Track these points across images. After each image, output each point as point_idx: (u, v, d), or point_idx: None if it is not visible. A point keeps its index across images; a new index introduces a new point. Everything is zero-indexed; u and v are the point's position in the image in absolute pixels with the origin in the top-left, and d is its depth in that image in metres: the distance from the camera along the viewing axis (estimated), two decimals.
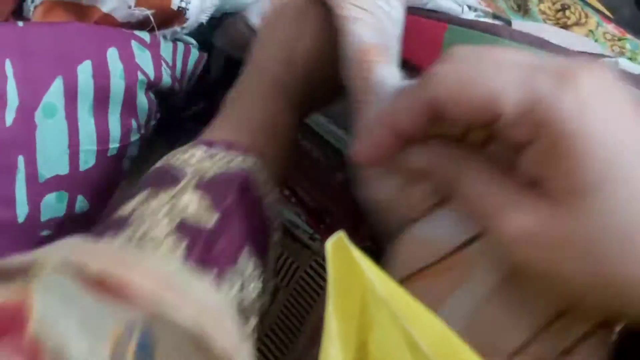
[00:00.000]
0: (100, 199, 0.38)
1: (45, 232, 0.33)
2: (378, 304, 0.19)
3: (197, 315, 0.19)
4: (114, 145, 0.36)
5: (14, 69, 0.31)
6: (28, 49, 0.32)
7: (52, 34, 0.33)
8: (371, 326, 0.20)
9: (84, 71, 0.34)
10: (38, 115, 0.32)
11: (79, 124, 0.34)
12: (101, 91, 0.35)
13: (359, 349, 0.21)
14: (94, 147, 0.35)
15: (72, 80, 0.33)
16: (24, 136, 0.31)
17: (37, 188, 0.32)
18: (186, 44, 0.42)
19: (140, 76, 0.37)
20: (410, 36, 0.34)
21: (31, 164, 0.32)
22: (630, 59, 0.42)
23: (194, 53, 0.42)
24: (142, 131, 0.39)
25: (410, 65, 0.47)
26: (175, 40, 0.41)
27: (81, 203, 0.35)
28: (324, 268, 0.41)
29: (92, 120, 0.35)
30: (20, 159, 0.31)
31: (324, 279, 0.41)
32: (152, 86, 0.38)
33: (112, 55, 0.35)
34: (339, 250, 0.20)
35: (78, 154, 0.34)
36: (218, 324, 0.20)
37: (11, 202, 0.31)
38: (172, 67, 0.40)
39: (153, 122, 0.40)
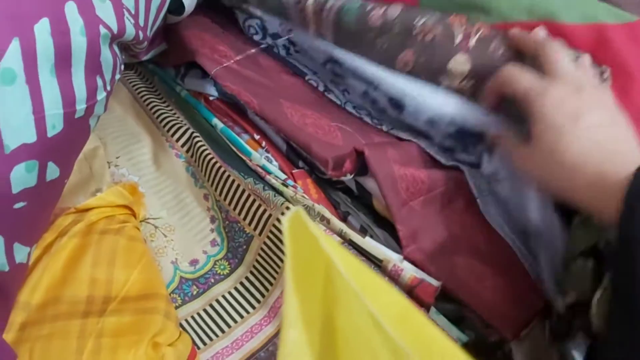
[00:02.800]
0: (69, 161, 0.37)
1: (19, 205, 0.32)
2: (339, 279, 0.19)
3: None
4: (80, 106, 0.34)
5: None
6: None
7: None
8: (336, 300, 0.20)
9: (42, 30, 0.31)
10: None
11: (42, 87, 0.32)
12: (62, 50, 0.32)
13: (325, 324, 0.20)
14: (61, 111, 0.33)
15: (30, 41, 0.31)
16: None
17: (4, 160, 0.30)
18: None
19: (103, 30, 0.34)
20: None
21: None
22: None
23: None
24: (108, 88, 0.37)
25: None
26: None
27: (52, 169, 0.34)
28: None
29: (55, 82, 0.32)
30: None
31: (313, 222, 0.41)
32: (116, 39, 0.36)
33: (71, 9, 0.32)
34: (297, 226, 0.19)
35: (44, 119, 0.32)
36: None
37: None
38: (135, 16, 0.37)
39: (118, 77, 0.38)
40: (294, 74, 0.53)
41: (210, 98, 0.51)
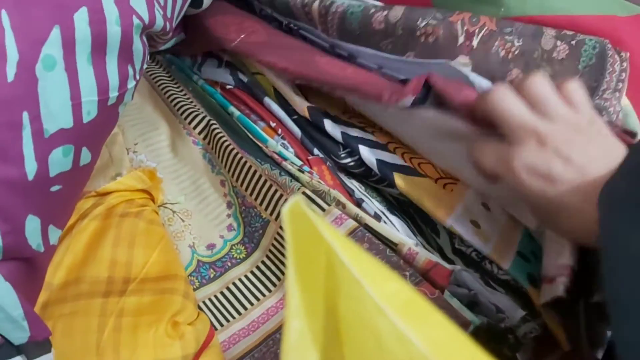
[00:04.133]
0: (99, 147, 0.38)
1: (55, 188, 0.33)
2: (341, 268, 0.19)
3: None
4: (113, 94, 0.35)
5: (10, 20, 0.29)
6: None
7: None
8: (338, 289, 0.20)
9: (81, 19, 0.32)
10: (39, 68, 0.31)
11: (79, 74, 0.33)
12: (98, 39, 0.33)
13: (328, 314, 0.20)
14: (96, 98, 0.34)
15: (70, 30, 0.32)
16: (26, 91, 0.30)
17: (44, 143, 0.32)
18: None
19: (136, 20, 0.35)
20: None
21: (36, 119, 0.31)
22: None
23: None
24: (137, 77, 0.38)
25: None
26: None
27: (85, 154, 0.35)
28: (312, 200, 0.43)
29: (91, 70, 0.33)
30: (25, 115, 0.30)
31: (313, 211, 0.42)
32: (147, 29, 0.37)
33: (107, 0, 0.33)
34: (297, 215, 0.19)
35: (81, 105, 0.33)
36: None
37: (20, 159, 0.31)
38: (164, 7, 0.38)
39: (145, 66, 0.39)
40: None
41: (227, 87, 0.52)
